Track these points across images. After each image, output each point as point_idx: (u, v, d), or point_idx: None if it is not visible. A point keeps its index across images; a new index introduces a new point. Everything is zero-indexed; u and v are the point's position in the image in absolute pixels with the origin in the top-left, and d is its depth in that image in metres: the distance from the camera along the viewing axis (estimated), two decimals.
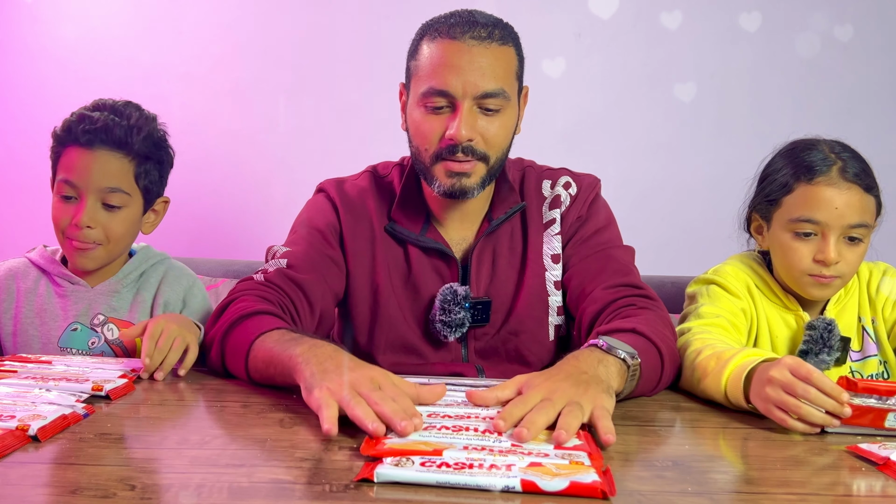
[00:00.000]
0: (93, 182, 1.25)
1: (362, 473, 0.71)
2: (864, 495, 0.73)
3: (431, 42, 1.20)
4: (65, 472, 0.72)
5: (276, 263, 1.23)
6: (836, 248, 1.20)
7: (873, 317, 1.30)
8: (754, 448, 0.87)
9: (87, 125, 1.24)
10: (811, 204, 1.21)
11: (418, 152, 1.23)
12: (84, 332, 1.31)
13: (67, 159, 1.25)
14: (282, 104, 2.18)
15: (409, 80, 1.25)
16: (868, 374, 1.29)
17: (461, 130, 1.17)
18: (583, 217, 1.31)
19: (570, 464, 0.73)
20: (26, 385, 0.98)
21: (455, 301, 1.24)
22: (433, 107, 1.19)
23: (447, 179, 1.21)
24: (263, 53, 2.16)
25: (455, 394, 0.98)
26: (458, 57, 1.16)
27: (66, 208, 1.26)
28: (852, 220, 1.20)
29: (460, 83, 1.16)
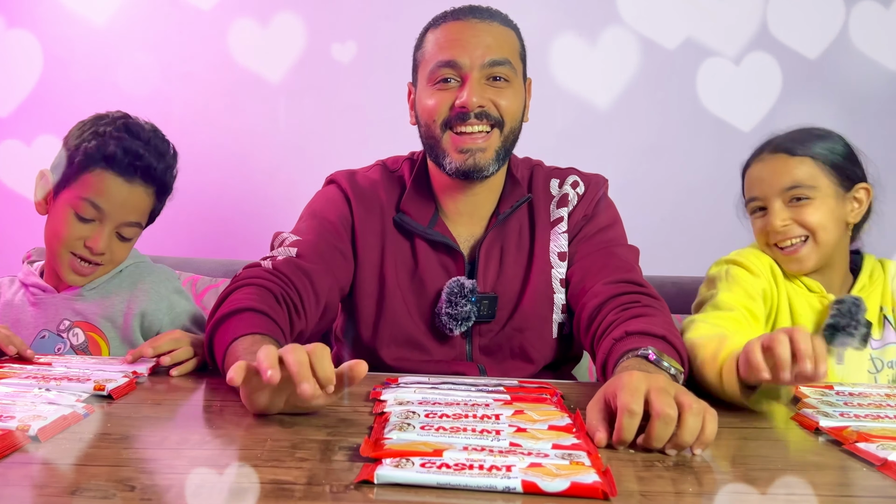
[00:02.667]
0: (118, 213, 1.25)
1: (362, 475, 0.71)
2: (863, 496, 0.73)
3: (435, 29, 1.26)
4: (65, 472, 0.72)
5: (285, 252, 1.22)
6: (780, 214, 1.28)
7: (894, 306, 1.33)
8: (755, 448, 0.87)
9: (131, 159, 1.23)
10: (749, 185, 1.34)
11: (428, 129, 1.25)
12: (52, 338, 1.30)
13: (98, 181, 1.23)
14: (282, 104, 2.18)
15: (415, 72, 1.29)
16: (888, 361, 1.30)
17: (472, 97, 1.19)
18: (588, 215, 1.32)
19: (571, 464, 0.73)
20: (26, 385, 0.98)
21: (462, 294, 1.24)
22: (442, 79, 1.22)
23: (459, 155, 1.22)
24: (264, 53, 2.16)
25: (455, 393, 0.98)
26: (462, 32, 1.22)
27: (81, 227, 1.24)
28: (783, 184, 1.28)
29: (467, 53, 1.20)
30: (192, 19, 2.15)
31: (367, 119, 2.16)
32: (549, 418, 0.88)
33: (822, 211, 1.27)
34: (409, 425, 0.83)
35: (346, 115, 2.18)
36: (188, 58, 2.16)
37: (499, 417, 0.88)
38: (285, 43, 2.16)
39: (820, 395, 1.06)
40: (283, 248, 1.23)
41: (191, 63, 2.16)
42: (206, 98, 2.17)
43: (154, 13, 2.15)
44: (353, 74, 2.16)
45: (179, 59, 2.16)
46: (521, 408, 0.92)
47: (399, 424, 0.83)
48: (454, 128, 1.22)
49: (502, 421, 0.86)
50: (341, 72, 2.16)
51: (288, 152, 2.18)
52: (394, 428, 0.82)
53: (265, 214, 2.18)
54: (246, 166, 2.19)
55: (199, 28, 2.16)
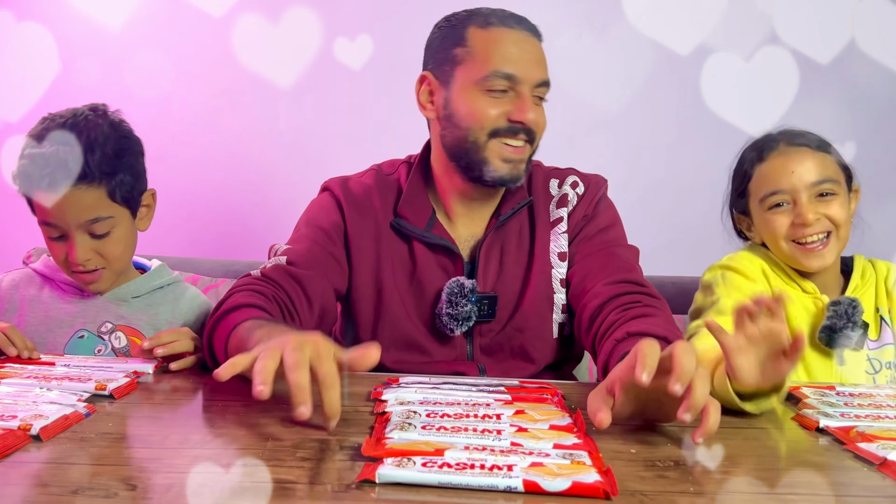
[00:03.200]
0: (71, 220, 1.21)
1: (364, 474, 0.71)
2: (863, 496, 0.74)
3: (484, 30, 1.23)
4: (66, 471, 0.72)
5: (275, 260, 1.23)
6: (810, 207, 1.26)
7: (890, 307, 1.33)
8: (755, 448, 0.87)
9: (41, 168, 1.18)
10: (771, 177, 1.29)
11: (468, 133, 1.23)
12: (91, 339, 1.30)
13: (38, 203, 1.22)
14: (282, 104, 2.18)
15: (449, 68, 1.25)
16: (886, 361, 1.30)
17: (531, 114, 1.21)
18: (588, 216, 1.32)
19: (572, 463, 0.73)
20: (27, 385, 0.98)
21: (462, 294, 1.24)
22: (493, 89, 1.21)
23: (503, 165, 1.23)
24: (264, 53, 2.16)
25: (457, 393, 0.98)
26: (518, 45, 1.22)
27: (59, 246, 1.24)
28: (815, 177, 1.27)
29: (523, 69, 1.21)
30: (193, 20, 2.15)
31: (368, 120, 2.17)
32: (550, 418, 0.88)
33: (844, 207, 1.28)
34: (411, 425, 0.83)
35: (346, 116, 2.18)
36: (188, 58, 2.16)
37: (500, 417, 0.88)
38: (286, 43, 2.16)
39: (820, 395, 1.06)
40: (275, 257, 1.25)
41: (191, 63, 2.16)
42: (206, 98, 2.17)
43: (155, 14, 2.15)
44: (353, 75, 2.17)
45: (180, 59, 2.16)
46: (522, 408, 0.92)
47: (400, 424, 0.83)
48: (502, 138, 1.22)
49: (503, 421, 0.87)
50: (342, 72, 2.16)
51: (288, 152, 2.18)
52: (395, 427, 0.82)
53: (265, 215, 2.19)
54: (246, 167, 2.19)
55: (199, 29, 2.16)
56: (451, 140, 1.26)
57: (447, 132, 1.26)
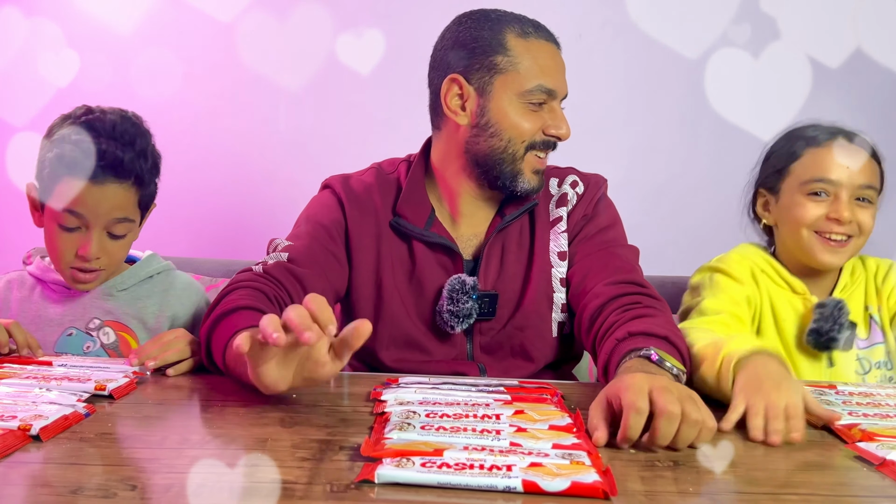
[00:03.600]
0: (102, 215, 1.21)
1: (363, 474, 0.71)
2: (863, 496, 0.74)
3: (525, 40, 1.24)
4: (66, 471, 0.72)
5: (276, 256, 1.23)
6: (849, 206, 1.25)
7: (879, 305, 1.33)
8: (755, 449, 0.87)
9: (94, 160, 1.17)
10: (823, 165, 1.27)
11: (508, 145, 1.25)
12: (79, 336, 1.29)
13: (69, 190, 1.18)
14: (282, 104, 2.18)
15: (489, 75, 1.23)
16: (875, 361, 1.30)
17: (564, 128, 1.26)
18: (588, 215, 1.32)
19: (571, 464, 0.73)
20: (27, 385, 0.98)
21: (463, 291, 1.24)
22: (536, 102, 1.24)
23: (534, 177, 1.27)
24: (263, 54, 2.16)
25: (456, 393, 0.98)
26: (554, 59, 1.26)
27: (70, 238, 1.22)
28: (862, 181, 1.26)
29: (560, 84, 1.26)
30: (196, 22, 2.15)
31: (368, 119, 2.17)
32: (549, 418, 0.88)
33: (873, 218, 1.28)
34: (410, 425, 0.83)
35: (346, 116, 2.18)
36: (189, 59, 2.16)
37: (499, 417, 0.88)
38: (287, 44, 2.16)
39: (818, 394, 1.06)
40: (275, 252, 1.25)
41: (191, 64, 2.16)
42: (206, 98, 2.17)
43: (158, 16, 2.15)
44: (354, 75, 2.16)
45: (180, 59, 2.16)
46: (522, 408, 0.92)
47: (399, 424, 0.83)
48: (537, 151, 1.26)
49: (503, 421, 0.87)
50: (341, 72, 2.16)
51: (288, 153, 2.18)
52: (394, 428, 0.82)
53: (265, 214, 2.19)
54: (246, 166, 2.19)
55: (200, 29, 2.16)
56: (486, 148, 1.25)
57: (481, 140, 1.25)
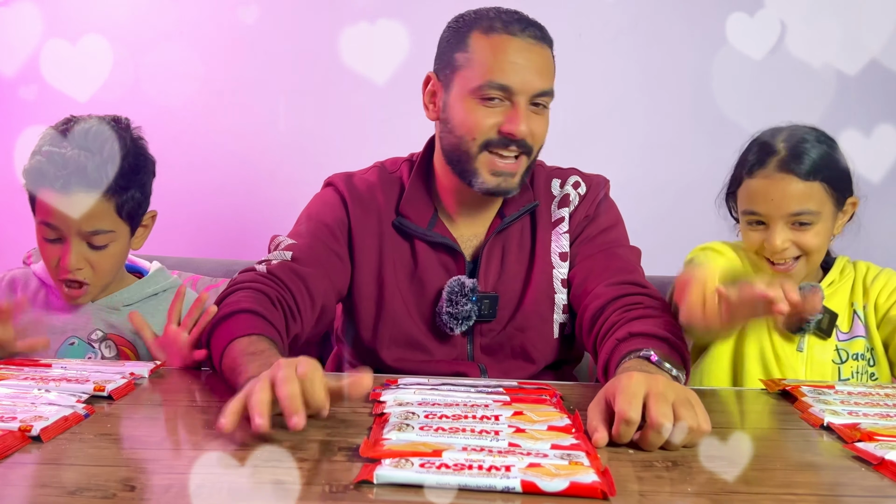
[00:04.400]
0: (73, 225, 1.20)
1: (362, 475, 0.71)
2: (860, 496, 0.74)
3: (486, 36, 1.20)
4: (65, 472, 0.73)
5: (280, 255, 1.23)
6: (781, 235, 1.27)
7: (865, 303, 1.35)
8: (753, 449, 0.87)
9: (58, 169, 1.18)
10: (752, 197, 1.30)
11: (461, 142, 1.23)
12: (81, 346, 1.29)
13: (43, 201, 1.20)
14: (282, 104, 2.18)
15: (450, 72, 1.24)
16: (854, 353, 1.33)
17: (521, 126, 1.19)
18: (590, 216, 1.32)
19: (570, 464, 0.73)
20: (25, 386, 0.98)
21: (462, 293, 1.24)
22: (487, 98, 1.20)
23: (492, 178, 1.22)
24: (264, 53, 2.16)
25: (455, 394, 0.98)
26: (518, 54, 1.19)
27: (52, 249, 1.23)
28: (791, 209, 1.26)
29: (520, 79, 1.18)
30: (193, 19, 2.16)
31: (368, 119, 2.17)
32: (548, 419, 0.88)
33: (821, 235, 1.28)
34: (409, 426, 0.83)
35: (346, 116, 2.18)
36: (188, 58, 2.16)
37: (498, 418, 0.88)
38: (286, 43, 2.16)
39: (817, 394, 1.06)
40: (278, 251, 1.24)
41: (191, 63, 2.16)
42: (206, 98, 2.17)
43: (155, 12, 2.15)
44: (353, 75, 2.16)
45: (180, 58, 2.16)
46: (521, 409, 0.92)
47: (398, 425, 0.84)
48: (493, 150, 1.21)
49: (501, 421, 0.87)
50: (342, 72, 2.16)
51: (288, 152, 2.18)
52: (393, 428, 0.83)
53: (265, 214, 2.18)
54: (246, 166, 2.19)
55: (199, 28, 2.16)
56: (447, 144, 1.26)
57: (444, 135, 1.26)
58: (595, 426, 0.85)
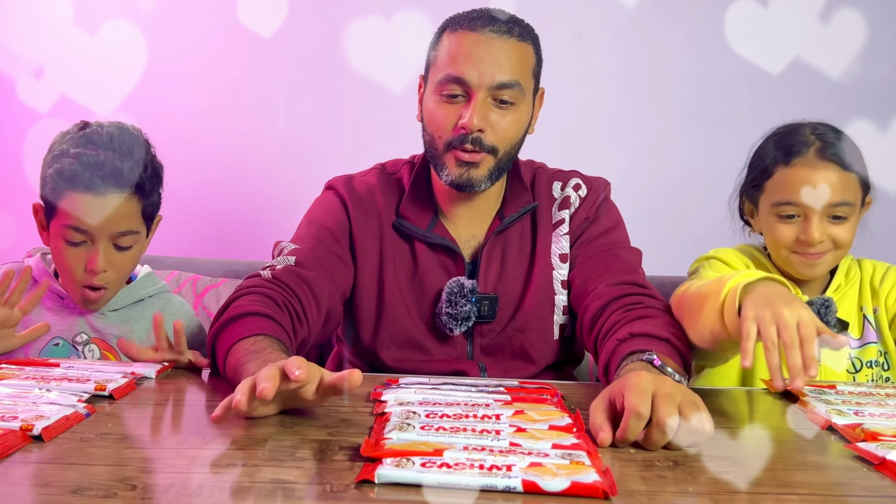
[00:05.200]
0: (106, 227, 1.20)
1: (363, 474, 0.71)
2: (862, 496, 0.74)
3: (452, 34, 1.22)
4: (66, 471, 0.73)
5: (284, 260, 1.23)
6: (820, 227, 1.24)
7: (875, 306, 1.33)
8: (754, 449, 0.87)
9: (93, 171, 1.17)
10: (790, 187, 1.25)
11: (432, 140, 1.24)
12: (65, 347, 1.28)
13: (72, 204, 1.18)
14: (282, 105, 2.18)
15: (427, 71, 1.27)
16: (867, 360, 1.31)
17: (473, 120, 1.18)
18: (591, 218, 1.32)
19: (571, 464, 0.73)
20: (26, 385, 0.98)
21: (462, 294, 1.24)
22: (448, 94, 1.20)
23: (456, 169, 1.22)
24: (264, 54, 2.16)
25: (456, 393, 0.98)
26: (475, 47, 1.18)
27: (77, 253, 1.21)
28: (833, 199, 1.23)
29: (476, 72, 1.18)
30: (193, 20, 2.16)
31: (367, 120, 2.17)
32: (549, 418, 0.88)
33: (853, 229, 1.27)
34: (410, 425, 0.83)
35: (346, 116, 2.18)
36: (189, 58, 2.16)
37: (499, 417, 0.88)
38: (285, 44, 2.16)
39: (818, 393, 1.06)
40: (282, 256, 1.24)
41: (192, 63, 2.17)
42: (206, 98, 2.17)
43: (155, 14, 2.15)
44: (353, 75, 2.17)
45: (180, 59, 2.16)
46: (522, 408, 0.92)
47: (399, 424, 0.84)
48: (455, 150, 1.22)
49: (502, 421, 0.87)
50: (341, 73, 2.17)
51: (288, 153, 2.19)
52: (394, 428, 0.83)
53: (266, 215, 2.19)
54: (246, 167, 2.19)
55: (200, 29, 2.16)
56: (425, 143, 1.28)
57: (424, 133, 1.28)
58: (599, 425, 0.85)
